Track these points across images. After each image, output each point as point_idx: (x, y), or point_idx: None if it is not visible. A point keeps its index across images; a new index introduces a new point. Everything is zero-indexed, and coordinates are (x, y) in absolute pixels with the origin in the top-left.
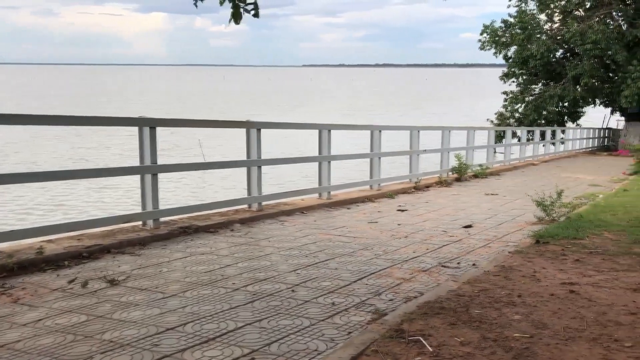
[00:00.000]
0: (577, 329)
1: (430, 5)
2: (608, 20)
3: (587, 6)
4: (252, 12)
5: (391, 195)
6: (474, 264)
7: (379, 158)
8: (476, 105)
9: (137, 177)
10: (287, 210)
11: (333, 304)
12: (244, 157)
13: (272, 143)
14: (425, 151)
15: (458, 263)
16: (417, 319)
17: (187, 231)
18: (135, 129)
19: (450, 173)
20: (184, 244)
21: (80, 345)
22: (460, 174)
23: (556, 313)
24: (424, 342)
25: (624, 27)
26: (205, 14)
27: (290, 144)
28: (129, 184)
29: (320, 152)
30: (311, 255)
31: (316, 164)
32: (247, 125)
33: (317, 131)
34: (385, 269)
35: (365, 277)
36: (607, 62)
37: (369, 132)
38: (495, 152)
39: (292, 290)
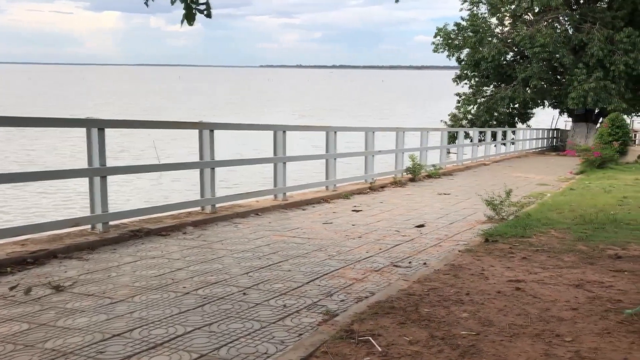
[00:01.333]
0: (522, 326)
1: (386, 8)
2: (555, 25)
3: (536, 11)
4: (205, 12)
5: (347, 195)
6: (424, 263)
7: (335, 159)
8: (430, 107)
9: (86, 180)
10: (241, 212)
11: (284, 306)
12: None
13: (228, 144)
14: (380, 152)
15: (410, 262)
16: (367, 319)
17: (138, 234)
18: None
19: (405, 173)
20: (134, 248)
21: (20, 355)
22: (415, 175)
23: (502, 310)
24: (373, 342)
25: (570, 32)
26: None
27: (246, 145)
28: (78, 187)
29: (275, 153)
30: (264, 257)
31: (271, 166)
32: (199, 126)
33: (272, 132)
34: (338, 269)
35: (318, 278)
36: (555, 65)
37: (324, 133)
38: (449, 152)
39: (244, 293)
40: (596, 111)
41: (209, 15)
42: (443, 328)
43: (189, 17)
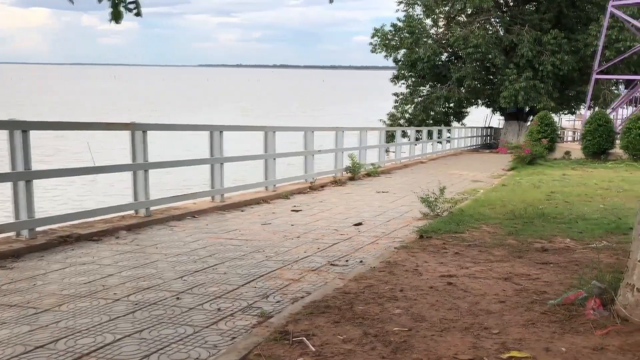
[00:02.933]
0: (452, 320)
1: (326, 8)
2: (487, 26)
3: (469, 12)
4: (134, 10)
5: (286, 196)
6: (361, 261)
7: (274, 159)
8: (370, 106)
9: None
10: (177, 215)
11: (219, 309)
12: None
13: (164, 146)
14: (320, 151)
15: (347, 261)
16: (302, 319)
17: (68, 240)
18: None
19: (345, 172)
20: (63, 254)
21: None
22: (354, 173)
23: (434, 305)
24: (307, 342)
25: (502, 33)
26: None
27: (183, 146)
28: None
29: (212, 154)
30: (200, 260)
31: (209, 167)
32: (131, 127)
33: (208, 133)
34: (275, 270)
35: (254, 280)
36: (488, 65)
37: (262, 133)
38: (389, 151)
39: (177, 298)
40: (527, 110)
41: (138, 14)
42: (376, 325)
43: (116, 15)
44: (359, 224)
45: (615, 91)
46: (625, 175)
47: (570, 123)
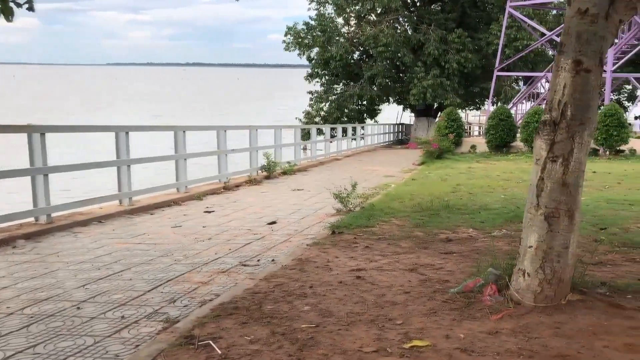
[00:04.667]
0: (359, 313)
1: (239, 6)
2: (396, 25)
3: (378, 12)
4: (26, 5)
5: (199, 197)
6: (273, 260)
7: (185, 159)
8: (285, 105)
9: None
10: (82, 221)
11: (122, 317)
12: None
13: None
14: (233, 151)
15: (258, 260)
16: (209, 322)
17: None
18: None
19: (260, 171)
20: None
21: None
22: (270, 172)
23: (342, 300)
24: (213, 345)
25: (410, 32)
26: None
27: (89, 148)
28: None
29: (118, 156)
30: (105, 267)
31: (115, 169)
32: (28, 129)
33: (113, 134)
34: (183, 274)
35: (161, 285)
36: (397, 63)
37: (172, 133)
38: (306, 149)
39: (78, 308)
40: (435, 106)
41: (31, 9)
42: (285, 323)
43: (6, 12)
44: (273, 222)
45: (516, 87)
46: (524, 167)
47: (477, 118)
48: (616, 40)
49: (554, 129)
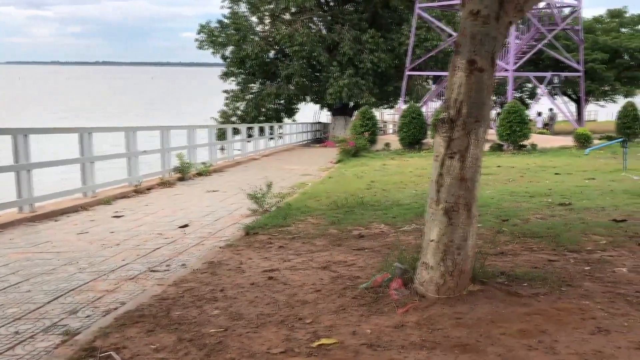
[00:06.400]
0: (269, 314)
1: (151, 3)
2: (311, 25)
3: (293, 11)
4: None
5: (108, 201)
6: (183, 264)
7: (92, 162)
8: (202, 104)
9: None
10: None
11: (17, 332)
12: None
13: None
14: (145, 152)
15: (168, 265)
16: (113, 332)
17: None
18: None
19: (173, 173)
20: None
21: None
22: (184, 174)
23: (253, 302)
24: (115, 356)
25: (324, 32)
26: None
27: None
28: None
29: (16, 160)
30: (0, 279)
31: (14, 174)
32: None
33: (10, 137)
34: (87, 283)
35: (62, 295)
36: (313, 63)
37: (77, 135)
38: (223, 149)
39: None
40: (351, 105)
41: None
42: (193, 329)
43: None
44: (185, 225)
45: (427, 86)
46: None
47: (391, 117)
48: (517, 41)
49: (452, 127)
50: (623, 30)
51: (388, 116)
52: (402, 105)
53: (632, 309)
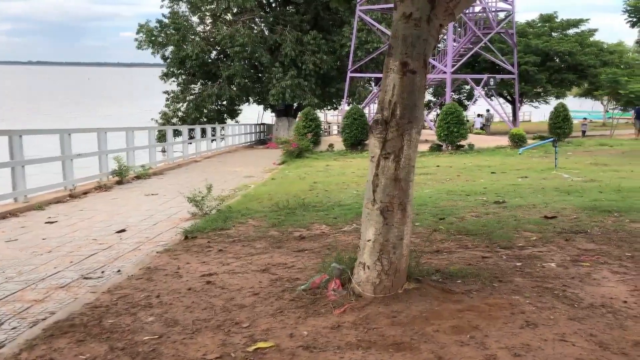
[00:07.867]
0: (205, 320)
1: (86, 1)
2: (252, 26)
3: (234, 11)
4: None
5: (40, 206)
6: (119, 271)
7: (23, 167)
8: (141, 105)
9: None
10: None
11: None
12: None
13: None
14: (80, 155)
15: (102, 272)
16: (40, 344)
17: None
18: None
19: (111, 176)
20: None
21: None
22: (122, 177)
23: (189, 307)
24: None
25: (266, 32)
26: None
27: None
28: None
29: None
30: None
31: None
32: None
33: None
34: (15, 292)
35: None
36: (256, 63)
37: (6, 138)
38: (164, 151)
39: None
40: (295, 106)
41: None
42: (126, 337)
43: None
44: (122, 230)
45: (369, 88)
46: None
47: (335, 118)
48: (455, 44)
49: (386, 128)
50: (554, 34)
51: (332, 117)
52: (344, 107)
53: (559, 302)
